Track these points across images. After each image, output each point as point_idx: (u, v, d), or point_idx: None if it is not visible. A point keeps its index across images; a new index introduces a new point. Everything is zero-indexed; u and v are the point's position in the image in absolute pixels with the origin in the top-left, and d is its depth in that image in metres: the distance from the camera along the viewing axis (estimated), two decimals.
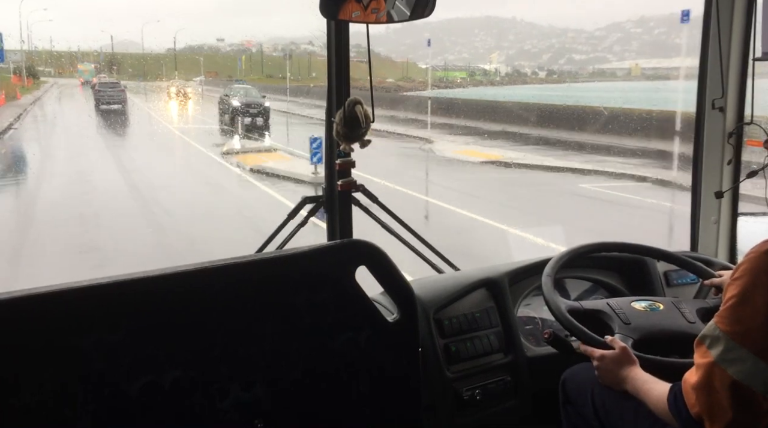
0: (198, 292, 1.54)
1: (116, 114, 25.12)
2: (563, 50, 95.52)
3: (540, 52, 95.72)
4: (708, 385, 1.29)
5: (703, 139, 2.43)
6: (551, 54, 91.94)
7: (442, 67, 70.37)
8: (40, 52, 44.59)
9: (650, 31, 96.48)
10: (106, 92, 25.76)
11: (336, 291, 1.69)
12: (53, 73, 43.17)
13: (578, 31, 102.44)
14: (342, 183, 1.91)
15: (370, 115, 1.84)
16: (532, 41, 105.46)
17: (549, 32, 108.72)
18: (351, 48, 1.91)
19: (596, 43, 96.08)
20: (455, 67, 70.92)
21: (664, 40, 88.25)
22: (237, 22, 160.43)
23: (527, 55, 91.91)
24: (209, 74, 49.41)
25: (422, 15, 1.70)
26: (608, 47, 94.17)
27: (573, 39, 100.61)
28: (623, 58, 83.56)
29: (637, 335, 1.68)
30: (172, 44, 55.96)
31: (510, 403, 1.97)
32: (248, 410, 1.57)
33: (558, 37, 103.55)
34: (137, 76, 43.37)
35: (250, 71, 52.18)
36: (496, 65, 74.84)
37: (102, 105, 25.02)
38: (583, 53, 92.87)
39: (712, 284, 1.89)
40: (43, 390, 1.36)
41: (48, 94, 34.73)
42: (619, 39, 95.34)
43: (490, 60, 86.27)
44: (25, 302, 1.36)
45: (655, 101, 21.91)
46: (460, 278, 2.05)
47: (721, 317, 1.31)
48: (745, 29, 2.27)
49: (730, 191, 2.39)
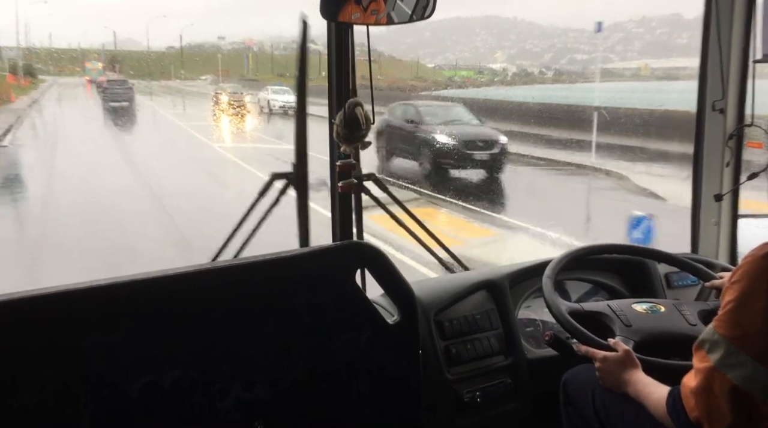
0: (198, 293, 1.55)
1: (127, 115, 23.11)
2: (564, 50, 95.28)
3: (542, 51, 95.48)
4: (707, 390, 1.29)
5: (703, 141, 2.43)
6: (552, 54, 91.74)
7: (450, 66, 69.21)
8: (38, 49, 41.61)
9: (652, 31, 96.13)
10: (114, 90, 25.58)
11: (336, 293, 1.69)
12: (52, 72, 39.72)
13: (579, 31, 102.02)
14: (342, 185, 1.91)
15: (370, 116, 1.84)
16: (533, 41, 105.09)
17: (550, 32, 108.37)
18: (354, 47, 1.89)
19: (598, 43, 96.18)
20: (464, 67, 69.80)
21: (666, 40, 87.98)
22: (237, 21, 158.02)
23: (529, 54, 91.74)
24: (221, 73, 44.11)
25: (422, 17, 1.70)
26: (610, 47, 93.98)
27: (575, 39, 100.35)
28: (625, 58, 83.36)
29: (639, 337, 1.67)
30: (171, 43, 53.43)
31: (510, 405, 1.96)
32: (248, 410, 1.57)
33: (559, 36, 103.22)
34: (144, 75, 40.19)
35: (257, 70, 49.89)
36: (503, 65, 73.66)
37: (110, 103, 24.74)
38: (585, 53, 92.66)
39: (713, 286, 1.89)
40: (44, 390, 1.36)
41: (46, 96, 30.54)
42: (621, 39, 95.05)
43: (495, 59, 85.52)
44: (25, 303, 1.36)
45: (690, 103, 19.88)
46: (461, 280, 2.05)
47: (719, 322, 1.31)
48: (745, 31, 2.27)
49: (730, 193, 2.39)
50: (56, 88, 34.69)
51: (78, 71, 39.01)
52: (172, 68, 44.59)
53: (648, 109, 18.62)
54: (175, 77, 43.04)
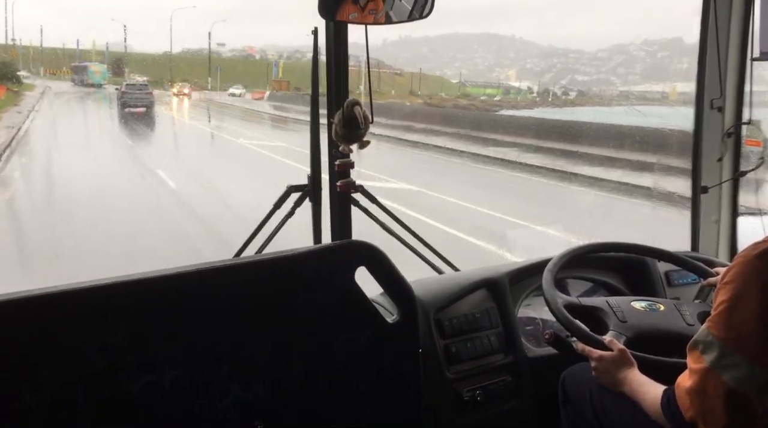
0: (198, 293, 1.55)
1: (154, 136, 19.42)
2: (565, 70, 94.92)
3: (542, 71, 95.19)
4: (702, 390, 1.30)
5: (701, 139, 2.43)
6: (553, 74, 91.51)
7: (472, 83, 67.09)
8: (27, 47, 30.65)
9: (653, 54, 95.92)
10: (132, 95, 24.78)
11: (336, 292, 1.69)
12: (42, 73, 29.70)
13: (579, 52, 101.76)
14: (341, 184, 1.91)
15: (369, 116, 1.84)
16: (533, 60, 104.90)
17: (549, 52, 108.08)
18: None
19: (599, 65, 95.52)
20: (485, 84, 67.69)
21: (668, 64, 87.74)
22: (236, 29, 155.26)
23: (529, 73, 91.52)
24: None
25: (421, 16, 1.71)
26: (612, 69, 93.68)
27: (576, 59, 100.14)
28: (627, 81, 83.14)
29: (632, 333, 1.67)
30: (168, 47, 46.97)
31: (510, 404, 1.96)
32: (248, 410, 1.57)
33: (559, 57, 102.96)
34: (161, 82, 30.91)
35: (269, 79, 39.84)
36: (526, 83, 71.83)
37: (128, 108, 24.10)
38: (587, 74, 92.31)
39: (709, 284, 1.89)
40: (44, 390, 1.36)
41: (36, 118, 18.69)
42: (623, 61, 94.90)
43: (508, 77, 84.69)
44: (25, 303, 1.37)
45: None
46: (461, 279, 2.05)
47: (713, 323, 1.31)
48: (743, 29, 2.28)
49: (730, 191, 2.39)
50: (47, 98, 24.81)
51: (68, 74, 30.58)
52: (210, 75, 34.05)
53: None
54: (197, 87, 32.82)
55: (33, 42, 31.78)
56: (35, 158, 13.70)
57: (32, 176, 12.14)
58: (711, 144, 2.41)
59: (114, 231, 8.13)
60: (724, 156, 2.35)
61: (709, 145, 2.41)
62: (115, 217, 8.97)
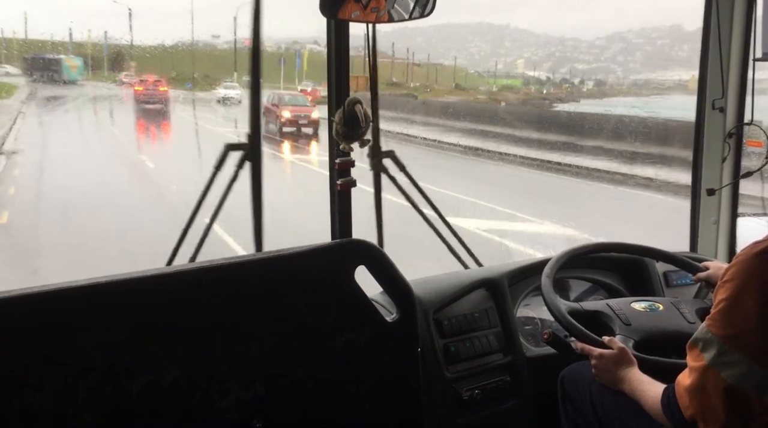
0: (198, 292, 1.54)
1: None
2: (564, 59, 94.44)
3: (540, 60, 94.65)
4: (701, 388, 1.30)
5: (702, 139, 2.43)
6: (552, 62, 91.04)
7: (489, 74, 64.67)
8: (9, 40, 26.14)
9: (653, 42, 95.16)
10: (147, 91, 24.85)
11: (335, 291, 1.69)
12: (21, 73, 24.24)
13: (576, 40, 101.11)
14: (342, 182, 1.90)
15: (369, 114, 1.83)
16: (531, 49, 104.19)
17: (546, 41, 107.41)
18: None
19: (598, 53, 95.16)
20: (503, 75, 65.27)
21: (668, 51, 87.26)
22: (230, 20, 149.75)
23: (528, 62, 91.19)
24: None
25: (423, 14, 1.69)
26: (611, 57, 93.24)
27: (574, 48, 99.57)
28: (627, 69, 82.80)
29: (638, 336, 1.67)
30: (161, 39, 43.22)
31: (509, 403, 1.97)
32: (248, 409, 1.57)
33: (557, 45, 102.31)
34: (181, 81, 25.94)
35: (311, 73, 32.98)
36: (546, 74, 70.16)
37: (144, 104, 23.89)
38: (586, 63, 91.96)
39: (699, 279, 1.90)
40: (44, 389, 1.35)
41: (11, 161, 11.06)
42: (622, 49, 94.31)
43: (516, 66, 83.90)
44: (25, 301, 1.36)
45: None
46: (460, 278, 2.05)
47: (712, 321, 1.32)
48: (745, 30, 2.27)
49: (729, 192, 2.39)
50: (31, 108, 18.31)
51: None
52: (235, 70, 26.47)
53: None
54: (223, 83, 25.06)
55: (17, 34, 27.94)
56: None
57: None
58: (713, 145, 2.41)
59: None
60: (726, 157, 2.35)
61: (710, 145, 2.41)
62: None
